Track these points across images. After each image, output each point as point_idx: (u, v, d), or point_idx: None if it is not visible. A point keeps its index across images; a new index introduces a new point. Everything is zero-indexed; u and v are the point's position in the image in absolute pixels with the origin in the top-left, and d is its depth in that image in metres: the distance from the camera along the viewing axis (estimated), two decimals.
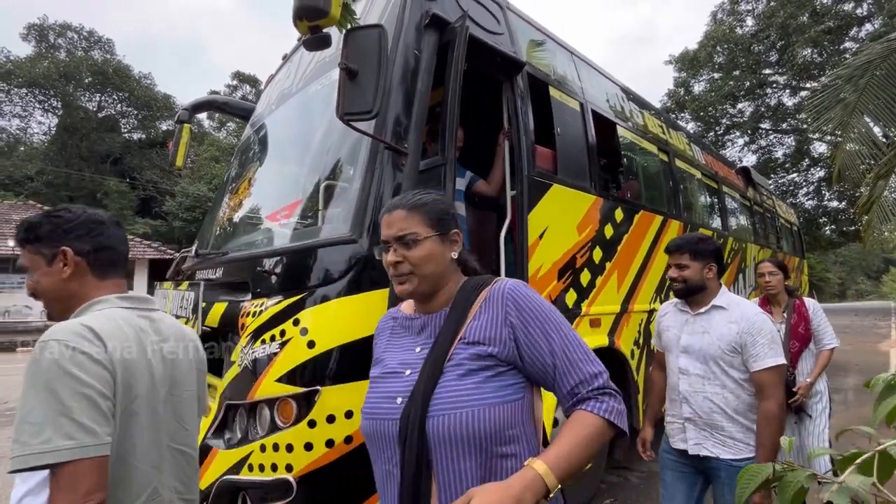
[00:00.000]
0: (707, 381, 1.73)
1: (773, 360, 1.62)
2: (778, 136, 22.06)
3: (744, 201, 5.86)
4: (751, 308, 1.73)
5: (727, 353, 1.68)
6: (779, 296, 2.70)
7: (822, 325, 2.61)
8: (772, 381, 1.62)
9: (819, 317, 2.63)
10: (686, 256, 1.78)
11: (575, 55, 3.28)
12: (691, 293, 1.79)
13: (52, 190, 24.43)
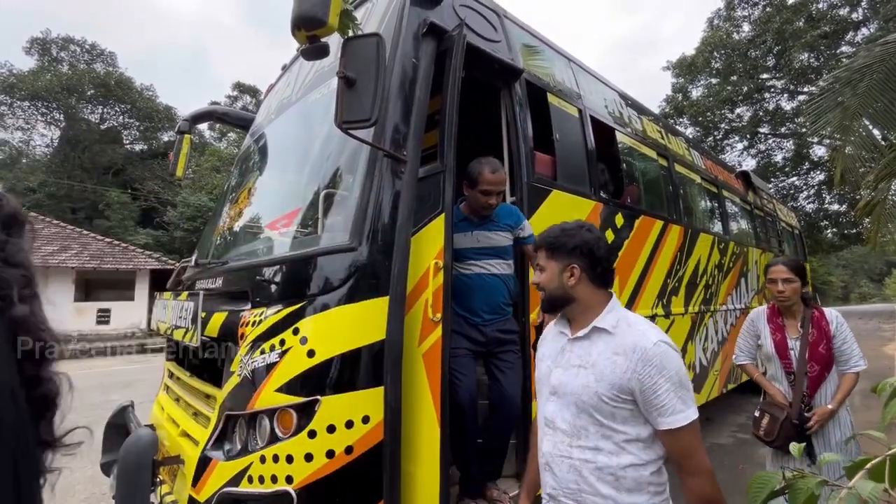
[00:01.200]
0: (575, 440, 1.21)
1: (686, 413, 1.12)
2: (777, 140, 22.12)
3: (744, 205, 5.86)
4: (648, 333, 1.18)
5: (608, 400, 1.16)
6: (794, 307, 2.22)
7: (847, 343, 2.13)
8: (692, 446, 1.13)
9: (844, 333, 2.14)
10: (542, 254, 1.34)
11: (573, 62, 3.29)
12: (553, 306, 1.33)
13: (55, 202, 24.53)
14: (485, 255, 2.21)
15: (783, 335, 2.22)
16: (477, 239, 2.22)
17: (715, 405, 4.87)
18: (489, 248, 2.21)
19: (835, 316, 2.18)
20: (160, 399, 2.70)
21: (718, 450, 4.03)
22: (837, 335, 2.14)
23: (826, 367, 2.12)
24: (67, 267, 14.60)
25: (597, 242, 1.28)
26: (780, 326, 2.24)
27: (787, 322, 2.25)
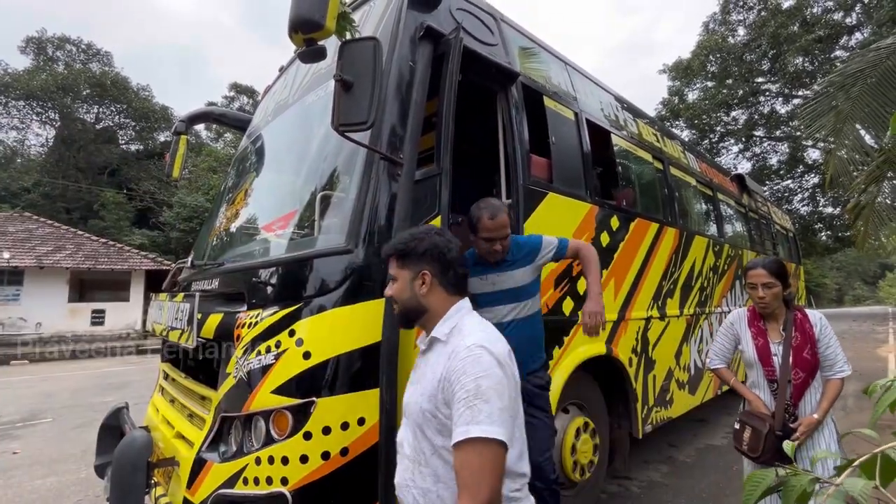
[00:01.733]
0: (417, 465, 1.09)
1: (476, 428, 0.93)
2: (772, 143, 22.30)
3: (739, 208, 5.90)
4: (469, 337, 1.07)
5: (430, 415, 1.06)
6: (776, 310, 2.08)
7: (832, 348, 1.98)
8: (474, 468, 0.92)
9: (828, 336, 1.99)
10: (393, 264, 1.24)
11: (569, 65, 3.31)
12: (407, 319, 1.24)
13: (49, 202, 24.38)
14: (498, 301, 1.94)
15: (765, 340, 2.05)
16: (492, 282, 1.96)
17: (710, 407, 4.89)
18: (503, 293, 1.95)
19: (818, 318, 2.02)
20: (155, 401, 2.69)
21: (713, 451, 4.05)
22: (822, 339, 1.98)
23: (811, 373, 1.95)
24: (62, 267, 14.51)
25: (447, 245, 1.21)
26: (762, 331, 2.07)
27: (769, 326, 2.08)
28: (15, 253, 14.00)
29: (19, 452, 4.40)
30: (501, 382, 0.99)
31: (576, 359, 2.62)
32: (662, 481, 3.39)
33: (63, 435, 4.98)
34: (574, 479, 2.58)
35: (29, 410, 6.18)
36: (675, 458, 3.86)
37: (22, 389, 7.78)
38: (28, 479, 3.71)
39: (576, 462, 2.59)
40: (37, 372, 9.93)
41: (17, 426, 5.38)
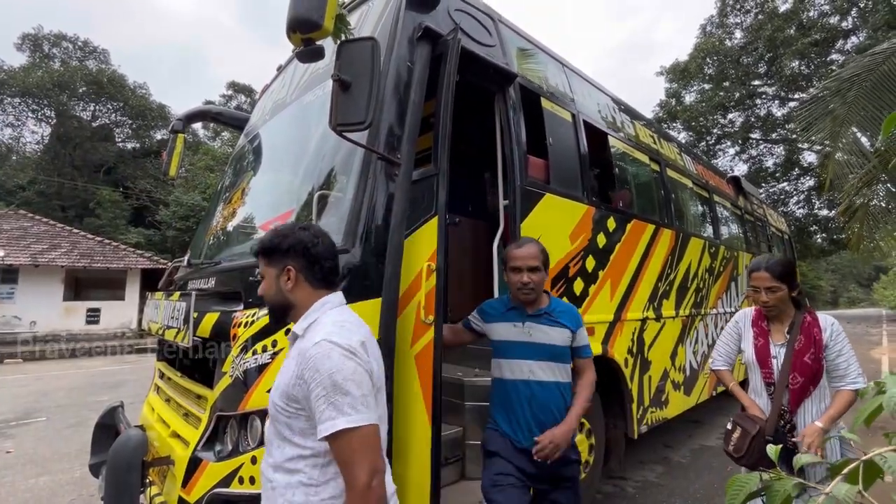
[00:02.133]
0: (267, 456, 1.18)
1: (343, 419, 1.00)
2: (768, 145, 22.41)
3: (735, 210, 5.92)
4: (318, 334, 1.08)
5: (280, 409, 1.11)
6: (783, 312, 1.96)
7: (843, 357, 1.84)
8: (346, 457, 1.01)
9: (840, 344, 1.85)
10: (261, 262, 1.24)
11: (566, 66, 3.33)
12: (276, 316, 1.27)
13: (45, 199, 24.23)
14: (538, 355, 1.79)
15: (766, 341, 1.97)
16: (529, 332, 1.81)
17: (705, 408, 4.92)
18: (544, 347, 1.80)
19: (830, 323, 1.88)
20: (150, 400, 2.68)
21: (707, 452, 4.07)
22: (831, 345, 1.85)
23: (812, 379, 1.83)
24: (57, 265, 14.42)
25: (313, 240, 1.20)
26: (765, 331, 1.99)
27: (773, 327, 1.99)
28: (9, 251, 13.91)
29: (13, 451, 4.38)
30: (356, 372, 1.05)
31: None
32: (657, 482, 3.40)
33: (57, 434, 4.95)
34: None
35: (23, 409, 6.14)
36: (671, 459, 3.88)
37: (16, 388, 7.73)
38: (22, 479, 3.69)
39: None
40: (31, 371, 9.87)
41: (11, 425, 5.35)
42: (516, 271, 1.81)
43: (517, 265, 1.80)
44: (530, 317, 1.84)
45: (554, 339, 1.81)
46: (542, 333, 1.81)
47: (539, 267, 1.80)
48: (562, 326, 1.83)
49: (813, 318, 1.91)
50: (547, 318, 1.84)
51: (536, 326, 1.82)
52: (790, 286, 1.91)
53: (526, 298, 1.83)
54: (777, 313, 1.95)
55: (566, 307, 1.92)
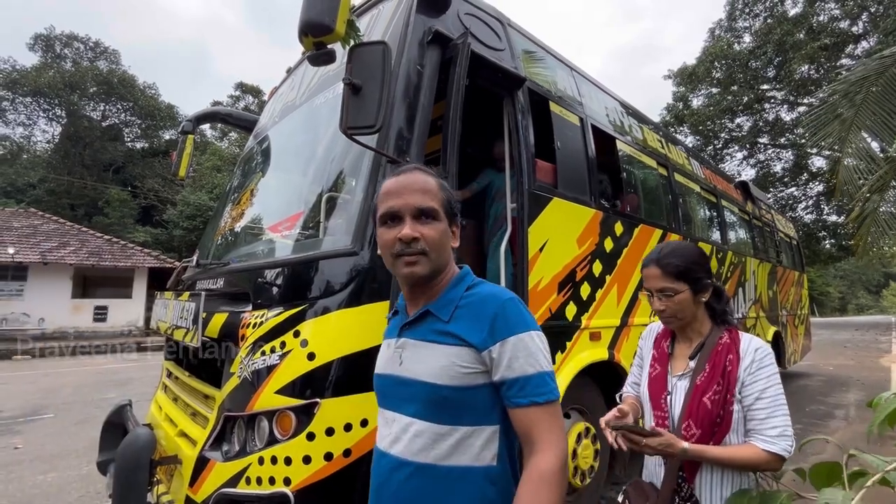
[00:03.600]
0: None
1: None
2: (776, 150, 22.26)
3: (742, 215, 5.89)
4: None
5: None
6: (692, 326, 1.34)
7: (765, 401, 1.18)
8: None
9: (763, 381, 1.19)
10: None
11: (575, 70, 3.33)
12: None
13: (54, 198, 24.53)
14: (411, 404, 0.98)
15: (664, 369, 1.37)
16: (400, 357, 1.01)
17: None
18: (416, 388, 1.00)
19: (753, 349, 1.24)
20: (158, 398, 2.70)
21: None
22: (749, 383, 1.20)
23: (711, 432, 1.21)
24: (65, 263, 14.57)
25: None
26: (665, 355, 1.39)
27: (678, 349, 1.38)
28: (19, 248, 14.08)
29: (21, 447, 4.42)
30: None
31: (578, 364, 2.62)
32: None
33: (64, 430, 5.00)
34: (575, 484, 2.58)
35: (31, 406, 6.20)
36: None
37: (25, 385, 7.81)
38: (30, 475, 3.73)
39: (576, 467, 2.58)
40: (39, 367, 9.96)
41: (19, 421, 5.40)
42: (391, 221, 0.92)
43: (392, 208, 0.92)
44: (409, 324, 0.97)
45: (431, 370, 0.90)
46: (414, 359, 0.94)
47: (435, 210, 0.92)
48: (453, 340, 0.90)
49: (733, 338, 1.28)
50: (431, 323, 0.94)
51: (411, 344, 0.95)
52: (695, 287, 1.30)
53: (410, 275, 0.92)
54: (680, 327, 1.36)
55: (482, 295, 0.94)
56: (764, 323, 5.81)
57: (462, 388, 0.88)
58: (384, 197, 0.94)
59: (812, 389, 7.23)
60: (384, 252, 0.95)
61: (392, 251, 0.92)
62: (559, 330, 2.57)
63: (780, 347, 6.44)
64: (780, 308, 6.52)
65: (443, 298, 0.96)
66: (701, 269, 1.32)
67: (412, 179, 0.94)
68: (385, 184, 0.97)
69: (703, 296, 1.32)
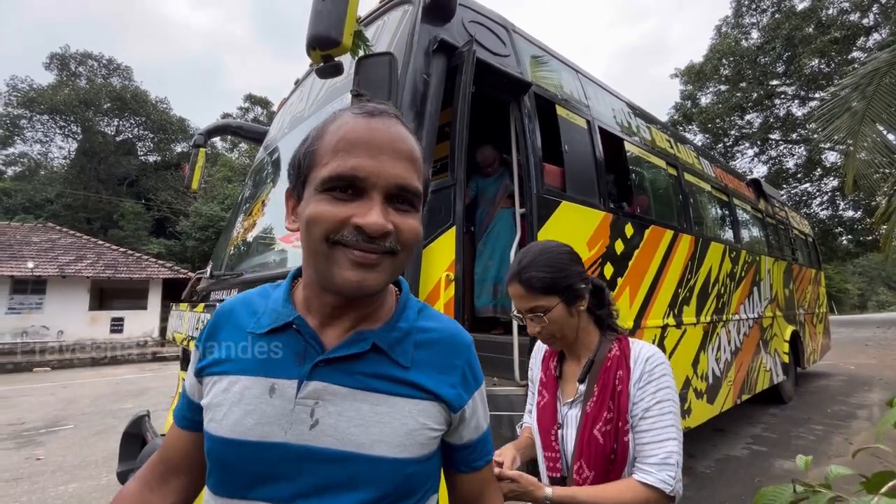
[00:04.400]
0: None
1: None
2: (788, 146, 21.93)
3: (755, 213, 5.81)
4: None
5: None
6: (575, 344, 1.13)
7: (650, 419, 0.99)
8: None
9: (651, 395, 1.00)
10: None
11: (580, 73, 3.33)
12: None
13: (71, 212, 25.07)
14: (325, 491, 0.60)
15: (552, 396, 1.15)
16: (311, 414, 0.58)
17: (729, 416, 4.80)
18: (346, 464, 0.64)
19: (645, 357, 1.04)
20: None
21: (733, 462, 3.96)
22: (637, 399, 1.01)
23: (605, 473, 1.01)
24: (83, 276, 14.86)
25: None
26: (553, 379, 1.16)
27: (568, 369, 1.16)
28: (38, 262, 14.40)
29: (43, 458, 4.50)
30: None
31: None
32: (683, 493, 3.32)
33: (84, 441, 5.08)
34: None
35: (51, 417, 6.32)
36: (695, 470, 3.79)
37: (45, 396, 7.96)
38: (52, 485, 3.79)
39: None
40: (58, 379, 10.15)
41: (41, 432, 5.51)
42: (345, 191, 0.56)
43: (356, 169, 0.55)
44: (331, 361, 0.60)
45: (389, 437, 0.59)
46: (349, 419, 0.58)
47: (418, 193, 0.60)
48: (418, 393, 0.62)
49: (623, 349, 1.07)
50: (379, 364, 0.62)
51: (340, 394, 0.59)
52: (567, 298, 1.06)
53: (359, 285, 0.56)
54: (563, 346, 1.15)
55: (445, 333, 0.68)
56: (781, 322, 5.70)
57: (426, 460, 0.62)
58: (342, 145, 0.55)
59: (833, 389, 7.07)
60: (312, 232, 0.55)
61: (334, 236, 0.54)
62: None
63: (799, 347, 6.32)
64: (797, 307, 6.40)
65: (391, 328, 0.63)
66: (571, 273, 1.08)
67: (392, 134, 0.57)
68: (343, 123, 0.58)
69: (581, 304, 1.10)
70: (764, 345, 5.11)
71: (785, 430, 4.85)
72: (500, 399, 2.39)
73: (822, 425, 5.03)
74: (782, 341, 5.69)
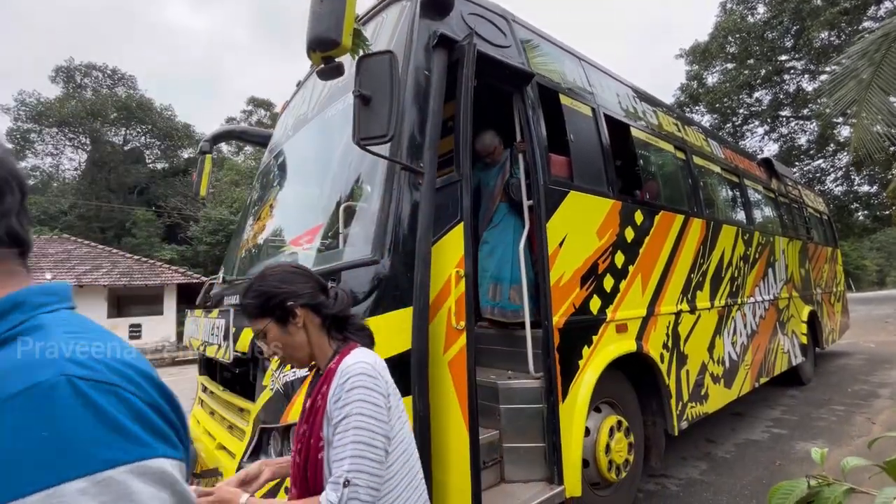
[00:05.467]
0: None
1: None
2: (800, 122, 21.44)
3: (768, 193, 5.70)
4: None
5: None
6: (316, 359, 1.16)
7: (339, 434, 0.96)
8: None
9: (341, 407, 0.97)
10: None
11: (583, 60, 3.28)
12: None
13: (85, 222, 25.50)
14: None
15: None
16: None
17: (747, 400, 4.75)
18: None
19: (342, 370, 1.00)
20: (195, 413, 2.79)
21: (753, 446, 3.93)
22: (332, 413, 0.98)
23: (308, 485, 1.01)
24: (100, 285, 15.13)
25: None
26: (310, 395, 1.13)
27: None
28: (56, 273, 14.69)
29: None
30: None
31: (606, 357, 2.59)
32: (702, 479, 3.31)
33: None
34: (610, 478, 2.55)
35: None
36: (714, 455, 3.77)
37: None
38: None
39: (611, 461, 2.56)
40: None
41: None
42: None
43: None
44: None
45: None
46: None
47: None
48: None
49: (339, 361, 1.05)
50: None
51: None
52: (279, 317, 1.07)
53: None
54: (301, 365, 1.16)
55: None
56: (798, 303, 5.62)
57: None
58: None
59: (853, 368, 6.96)
60: None
61: None
62: (584, 324, 2.55)
63: (817, 327, 6.22)
64: (813, 286, 6.30)
65: None
66: (281, 293, 1.06)
67: None
68: None
69: (296, 321, 1.07)
70: (781, 326, 5.04)
71: (805, 412, 4.80)
72: (517, 392, 2.40)
73: (844, 405, 4.96)
74: (800, 322, 5.61)
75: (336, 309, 1.12)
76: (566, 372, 2.37)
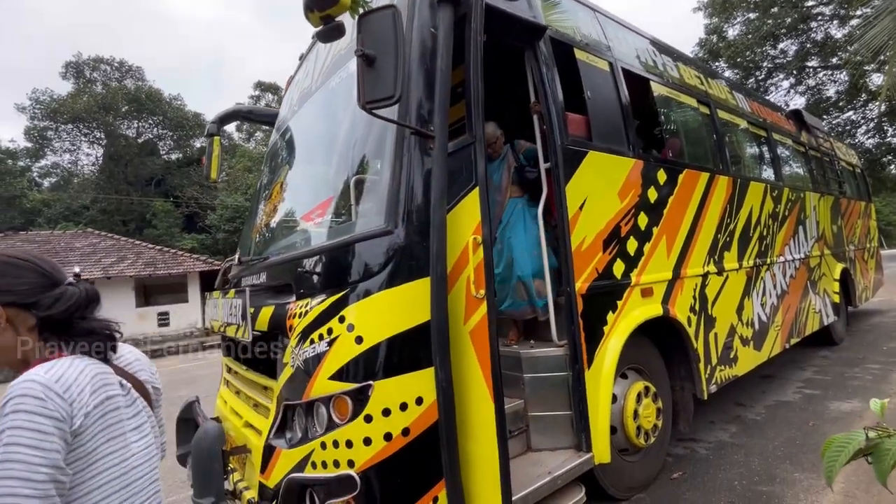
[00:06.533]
0: None
1: None
2: (828, 73, 20.25)
3: (798, 147, 5.41)
4: None
5: None
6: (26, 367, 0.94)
7: None
8: None
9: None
10: None
11: (598, 12, 3.08)
12: None
13: (107, 216, 26.09)
14: None
15: None
16: None
17: (777, 362, 4.63)
18: None
19: (8, 396, 0.83)
20: (222, 393, 2.83)
21: (784, 407, 3.84)
22: None
23: None
24: (126, 276, 15.57)
25: None
26: None
27: None
28: (84, 266, 15.14)
29: None
30: None
31: (631, 322, 2.51)
32: (732, 441, 3.25)
33: None
34: (638, 444, 2.52)
35: None
36: (744, 417, 3.70)
37: None
38: None
39: (639, 427, 2.52)
40: None
41: None
42: None
43: None
44: None
45: None
46: None
47: None
48: None
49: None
50: None
51: None
52: None
53: None
54: (19, 369, 0.97)
55: None
56: (830, 261, 5.40)
57: None
58: None
59: (888, 326, 6.73)
60: None
61: None
62: (608, 289, 2.46)
63: (850, 285, 5.99)
64: (846, 243, 6.04)
65: None
66: None
67: None
68: None
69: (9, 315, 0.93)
70: (812, 285, 4.86)
71: (839, 372, 4.66)
72: (540, 360, 2.35)
73: (879, 364, 4.81)
74: (832, 280, 5.40)
75: (56, 310, 0.97)
76: (591, 339, 2.31)
